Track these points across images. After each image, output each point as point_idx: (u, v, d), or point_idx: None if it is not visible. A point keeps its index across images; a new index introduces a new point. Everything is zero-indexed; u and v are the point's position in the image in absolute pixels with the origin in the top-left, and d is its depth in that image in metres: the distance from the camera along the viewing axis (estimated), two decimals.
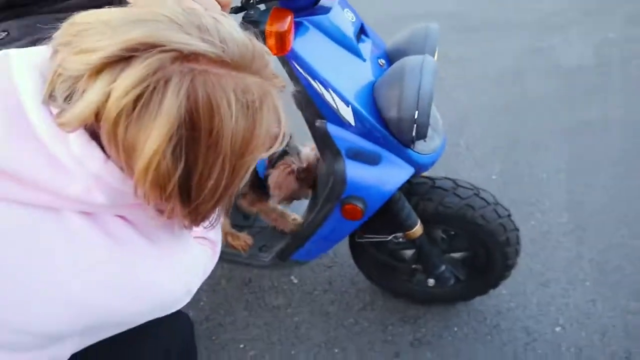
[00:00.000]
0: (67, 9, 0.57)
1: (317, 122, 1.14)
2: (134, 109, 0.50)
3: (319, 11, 1.10)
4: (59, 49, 0.54)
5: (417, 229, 1.34)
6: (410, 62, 1.09)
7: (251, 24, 1.01)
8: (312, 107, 1.11)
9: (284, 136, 0.67)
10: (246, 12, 1.04)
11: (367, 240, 1.46)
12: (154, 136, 0.51)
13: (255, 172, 1.37)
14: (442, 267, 1.47)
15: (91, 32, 0.52)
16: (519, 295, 1.73)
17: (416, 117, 1.06)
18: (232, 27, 0.57)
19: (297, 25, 1.06)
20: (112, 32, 0.51)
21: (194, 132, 0.53)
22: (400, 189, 1.24)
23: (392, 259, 1.55)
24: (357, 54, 1.16)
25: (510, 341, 1.60)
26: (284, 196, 1.33)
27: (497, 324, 1.64)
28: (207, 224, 0.69)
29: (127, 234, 0.65)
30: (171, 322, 1.06)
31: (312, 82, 1.07)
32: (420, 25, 1.25)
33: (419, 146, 1.19)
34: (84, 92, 0.51)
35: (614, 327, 1.61)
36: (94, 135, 0.56)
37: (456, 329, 1.64)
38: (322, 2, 1.12)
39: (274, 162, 1.38)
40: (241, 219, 1.71)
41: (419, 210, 1.34)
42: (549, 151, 2.43)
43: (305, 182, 1.31)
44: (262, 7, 1.05)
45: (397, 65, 1.12)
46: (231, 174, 0.59)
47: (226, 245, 1.59)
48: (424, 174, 1.41)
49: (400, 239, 1.41)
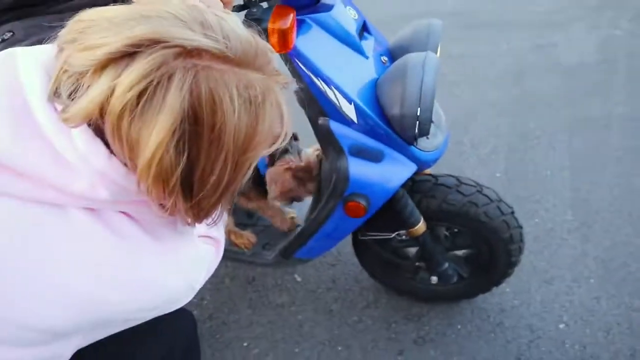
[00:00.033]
0: (72, 8, 0.57)
1: (320, 120, 1.14)
2: (138, 104, 0.51)
3: (321, 9, 1.10)
4: (64, 46, 0.54)
5: (420, 227, 1.33)
6: (412, 59, 1.08)
7: (254, 21, 1.01)
8: (315, 104, 1.11)
9: (286, 133, 0.67)
10: (248, 10, 1.04)
11: (370, 237, 1.46)
12: (157, 130, 0.51)
13: (256, 170, 1.37)
14: (445, 265, 1.47)
15: (96, 29, 0.53)
16: (522, 292, 1.72)
17: (419, 114, 1.05)
18: (235, 24, 0.58)
19: (300, 22, 1.06)
20: (117, 28, 0.52)
21: (197, 127, 0.54)
22: (403, 186, 1.25)
23: (396, 257, 1.55)
24: (360, 52, 1.16)
25: (514, 339, 1.59)
26: (280, 193, 1.32)
27: (501, 322, 1.64)
28: (209, 221, 0.70)
29: (131, 230, 0.65)
30: (174, 320, 1.07)
31: (315, 79, 1.07)
32: (422, 21, 1.25)
33: (422, 143, 1.19)
34: (88, 87, 0.52)
35: (619, 325, 1.61)
36: (98, 132, 0.56)
37: (460, 326, 1.64)
38: (324, 0, 1.12)
39: (274, 160, 1.38)
40: (245, 218, 1.71)
41: (422, 207, 1.34)
42: (553, 149, 2.42)
43: (303, 181, 1.30)
44: (265, 4, 1.05)
45: (399, 62, 1.11)
46: (234, 170, 0.60)
47: (230, 243, 1.60)
48: (427, 172, 1.41)
49: (403, 237, 1.41)
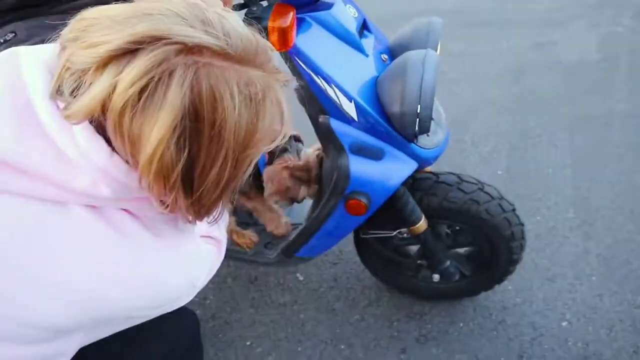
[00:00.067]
0: (74, 8, 0.58)
1: (320, 118, 1.14)
2: (139, 100, 0.51)
3: (321, 7, 1.10)
4: (67, 45, 0.55)
5: (422, 224, 1.33)
6: (412, 56, 1.08)
7: (254, 20, 1.01)
8: (315, 102, 1.11)
9: (286, 130, 0.67)
10: (248, 8, 1.04)
11: (371, 236, 1.46)
12: (159, 127, 0.52)
13: (257, 169, 1.37)
14: (447, 263, 1.47)
15: (98, 27, 0.53)
16: (525, 290, 1.72)
17: (419, 111, 1.06)
18: (235, 21, 0.58)
19: (300, 21, 1.07)
20: (119, 26, 0.52)
21: (198, 124, 0.54)
22: (404, 184, 1.25)
23: (397, 255, 1.55)
24: (360, 50, 1.16)
25: (516, 336, 1.59)
26: (277, 191, 1.31)
27: (503, 320, 1.64)
28: (210, 218, 0.70)
29: (132, 227, 0.65)
30: (177, 319, 1.07)
31: (315, 77, 1.07)
32: (422, 19, 1.25)
33: (422, 141, 1.19)
34: (90, 84, 0.52)
35: (621, 322, 1.60)
36: (100, 129, 0.57)
37: (462, 324, 1.64)
38: None
39: (274, 159, 1.38)
40: (247, 217, 1.71)
41: (423, 205, 1.33)
42: (554, 146, 2.42)
43: (301, 181, 1.30)
44: (265, 3, 1.05)
45: (399, 60, 1.11)
46: (234, 166, 0.60)
47: (232, 243, 1.60)
48: (428, 169, 1.41)
49: (404, 235, 1.41)
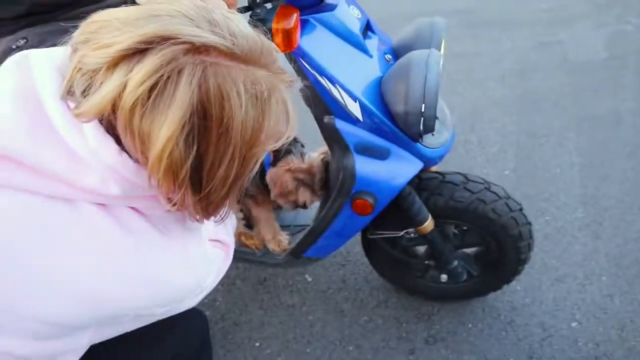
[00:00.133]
0: (84, 14, 0.60)
1: (326, 118, 1.15)
2: (149, 98, 0.53)
3: (325, 8, 1.11)
4: (78, 47, 0.56)
5: (429, 224, 1.33)
6: (416, 56, 1.09)
7: (258, 22, 1.02)
8: (320, 103, 1.12)
9: (291, 130, 0.69)
10: (253, 11, 1.05)
11: (379, 236, 1.46)
12: (168, 124, 0.53)
13: (262, 171, 1.38)
14: (455, 263, 1.46)
15: (109, 28, 0.55)
16: (534, 290, 1.71)
17: (423, 110, 1.06)
18: (241, 22, 0.60)
19: (304, 22, 1.08)
20: (128, 27, 0.54)
21: (206, 121, 0.55)
22: (410, 183, 1.25)
23: (405, 255, 1.55)
24: (364, 50, 1.16)
25: (525, 337, 1.58)
26: (280, 193, 1.32)
27: (512, 320, 1.63)
28: (217, 217, 0.71)
29: (140, 225, 0.67)
30: (186, 320, 1.08)
31: (320, 78, 1.08)
32: (425, 19, 1.25)
33: (428, 140, 1.19)
34: (101, 84, 0.54)
35: (632, 322, 1.59)
36: (110, 128, 0.58)
37: (471, 325, 1.63)
38: None
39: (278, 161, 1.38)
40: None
41: (430, 205, 1.33)
42: (561, 146, 2.40)
43: (304, 183, 1.30)
44: (269, 5, 1.06)
45: (403, 60, 1.12)
46: (241, 164, 0.61)
47: (240, 244, 1.61)
48: (434, 169, 1.41)
49: (412, 235, 1.41)
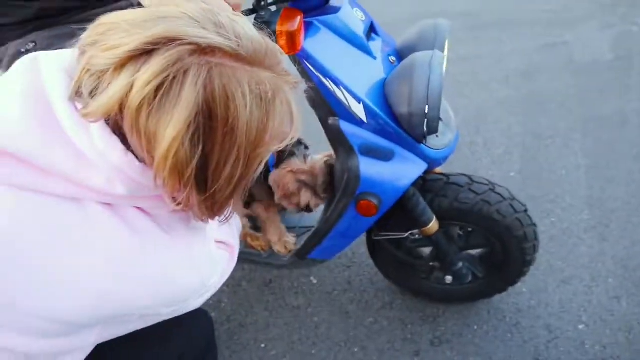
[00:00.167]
0: (92, 17, 0.61)
1: (330, 120, 1.15)
2: (155, 98, 0.53)
3: (328, 11, 1.11)
4: (86, 49, 0.57)
5: (433, 225, 1.34)
6: (419, 58, 1.09)
7: (263, 24, 1.03)
8: (325, 104, 1.13)
9: (296, 131, 0.69)
10: (257, 13, 1.06)
11: (384, 238, 1.46)
12: (174, 123, 0.54)
13: (267, 173, 1.39)
14: (460, 264, 1.46)
15: (116, 30, 0.56)
16: (539, 293, 1.71)
17: (427, 111, 1.06)
18: (246, 25, 0.60)
19: (308, 25, 1.08)
20: (136, 29, 0.55)
21: (211, 121, 0.56)
22: (414, 185, 1.25)
23: (410, 257, 1.55)
24: (368, 52, 1.17)
25: (531, 339, 1.58)
26: (283, 195, 1.32)
27: (518, 322, 1.63)
28: (222, 217, 0.72)
29: (145, 224, 0.67)
30: (192, 321, 1.08)
31: (324, 80, 1.08)
32: (429, 21, 1.26)
33: (431, 141, 1.20)
34: (109, 84, 0.55)
35: None
36: (116, 129, 0.59)
37: (476, 327, 1.63)
38: (332, 2, 1.14)
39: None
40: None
41: (435, 206, 1.34)
42: (567, 147, 2.39)
43: (307, 186, 1.31)
44: (273, 8, 1.08)
45: (406, 61, 1.13)
46: (246, 165, 0.62)
47: (246, 246, 1.62)
48: (439, 171, 1.41)
49: (416, 236, 1.42)
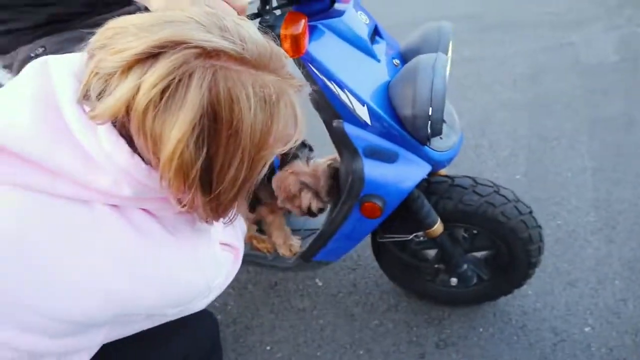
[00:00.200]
0: (101, 22, 0.62)
1: (334, 122, 1.16)
2: (161, 100, 0.54)
3: (332, 14, 1.12)
4: (94, 52, 0.59)
5: (438, 227, 1.34)
6: (423, 60, 1.10)
7: (267, 28, 1.04)
8: (329, 107, 1.13)
9: (300, 133, 0.70)
10: (262, 17, 1.07)
11: (388, 240, 1.46)
12: (179, 125, 0.55)
13: (272, 175, 1.40)
14: (465, 266, 1.46)
15: (124, 34, 0.57)
16: (545, 295, 1.70)
17: (430, 114, 1.07)
18: (251, 29, 0.61)
19: (312, 28, 1.09)
20: (143, 33, 0.56)
21: (216, 123, 0.57)
22: (418, 187, 1.26)
23: (415, 259, 1.55)
24: (372, 55, 1.17)
25: (537, 341, 1.57)
26: (285, 197, 1.33)
27: (524, 325, 1.62)
28: (226, 219, 0.73)
29: (151, 226, 0.68)
30: (197, 322, 1.09)
31: (328, 82, 1.09)
32: (432, 24, 1.26)
33: (435, 143, 1.20)
34: (116, 87, 0.56)
35: None
36: (123, 131, 0.60)
37: (482, 329, 1.62)
38: (336, 5, 1.15)
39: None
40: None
41: (439, 208, 1.34)
42: (573, 149, 2.38)
43: (309, 188, 1.31)
44: (278, 12, 1.09)
45: (410, 64, 1.13)
46: (250, 167, 0.63)
47: (251, 248, 1.63)
48: (443, 173, 1.41)
49: (421, 238, 1.42)
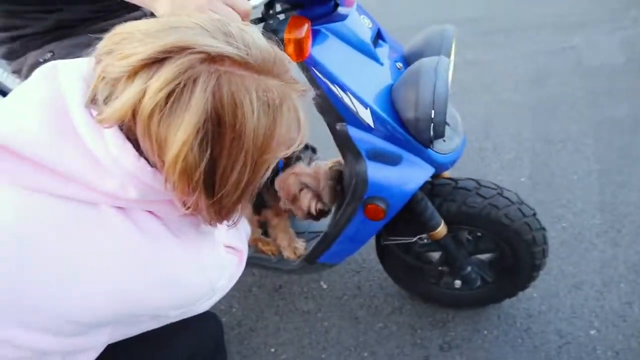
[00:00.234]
0: (108, 27, 0.64)
1: (338, 125, 1.17)
2: (166, 104, 0.56)
3: (336, 18, 1.13)
4: (102, 57, 0.60)
5: (441, 229, 1.34)
6: (425, 63, 1.11)
7: (271, 32, 1.05)
8: (333, 110, 1.14)
9: (303, 137, 0.71)
10: (266, 22, 1.08)
11: (392, 242, 1.47)
12: (183, 128, 0.56)
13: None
14: (469, 269, 1.46)
15: (131, 40, 0.58)
16: (550, 298, 1.70)
17: (433, 116, 1.07)
18: (255, 34, 0.62)
19: (315, 32, 1.10)
20: (149, 38, 0.57)
21: (219, 127, 0.58)
22: (422, 189, 1.26)
23: (419, 261, 1.55)
24: (375, 58, 1.18)
25: (542, 344, 1.57)
26: (286, 198, 1.34)
27: (529, 327, 1.62)
28: (230, 222, 0.74)
29: (156, 228, 0.69)
30: (201, 323, 1.09)
31: (331, 86, 1.10)
32: (435, 27, 1.27)
33: (438, 146, 1.20)
34: (123, 91, 0.57)
35: None
36: (130, 135, 0.61)
37: (486, 332, 1.62)
38: (339, 9, 1.16)
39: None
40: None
41: (443, 211, 1.34)
42: (579, 152, 2.37)
43: (310, 189, 1.32)
44: (282, 17, 1.10)
45: (413, 67, 1.14)
46: (253, 170, 0.64)
47: (256, 250, 1.64)
48: (447, 175, 1.42)
49: (425, 240, 1.42)
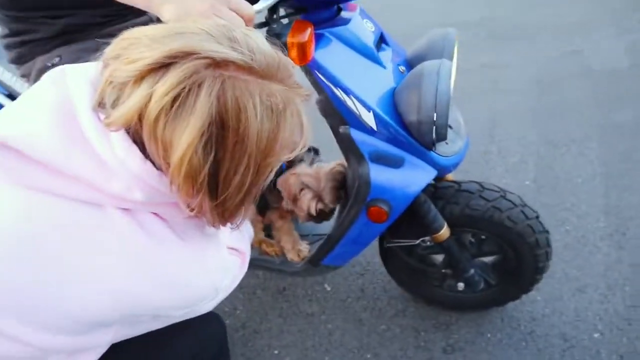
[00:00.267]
0: (115, 32, 0.65)
1: (341, 128, 1.18)
2: (172, 108, 0.57)
3: (339, 22, 1.14)
4: (109, 62, 0.61)
5: (444, 232, 1.34)
6: (428, 67, 1.11)
7: (274, 36, 1.07)
8: (336, 113, 1.15)
9: (305, 141, 0.72)
10: (269, 26, 1.10)
11: (396, 244, 1.48)
12: (188, 132, 0.57)
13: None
14: (472, 271, 1.47)
15: (138, 45, 0.59)
16: (554, 301, 1.69)
17: (435, 119, 1.08)
18: (259, 39, 0.64)
19: (319, 36, 1.11)
20: (156, 44, 0.58)
21: (223, 131, 0.59)
22: (424, 191, 1.26)
23: (422, 264, 1.55)
24: (378, 62, 1.19)
25: (546, 347, 1.56)
26: (287, 198, 1.35)
27: (532, 330, 1.61)
28: (233, 224, 0.75)
29: (161, 229, 0.70)
30: (204, 324, 1.10)
31: (334, 89, 1.11)
32: (438, 30, 1.28)
33: (441, 148, 1.21)
34: (129, 95, 0.58)
35: None
36: (136, 138, 0.62)
37: (489, 335, 1.62)
38: (342, 14, 1.17)
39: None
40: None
41: (446, 213, 1.35)
42: (583, 155, 2.37)
43: (311, 190, 1.33)
44: (285, 21, 1.11)
45: (415, 70, 1.14)
46: (256, 173, 0.65)
47: (260, 252, 1.65)
48: (451, 178, 1.42)
49: (428, 243, 1.42)
